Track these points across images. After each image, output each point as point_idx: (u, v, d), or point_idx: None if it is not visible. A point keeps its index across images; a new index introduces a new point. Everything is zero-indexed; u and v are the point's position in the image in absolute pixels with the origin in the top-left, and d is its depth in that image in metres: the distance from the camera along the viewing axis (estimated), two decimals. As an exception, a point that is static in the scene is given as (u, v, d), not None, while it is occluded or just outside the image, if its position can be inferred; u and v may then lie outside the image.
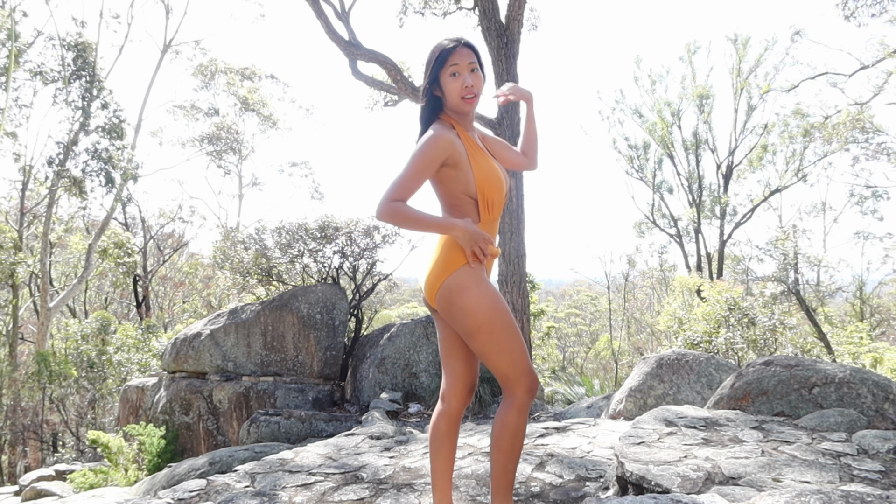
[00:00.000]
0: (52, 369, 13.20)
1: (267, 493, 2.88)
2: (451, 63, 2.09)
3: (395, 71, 10.06)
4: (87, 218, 19.34)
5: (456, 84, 2.10)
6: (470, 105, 2.13)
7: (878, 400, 2.98)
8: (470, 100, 2.11)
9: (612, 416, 5.21)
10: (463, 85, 2.09)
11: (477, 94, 2.13)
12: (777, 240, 13.76)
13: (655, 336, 20.37)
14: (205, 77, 21.68)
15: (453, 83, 2.10)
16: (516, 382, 2.02)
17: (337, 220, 8.26)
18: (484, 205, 2.12)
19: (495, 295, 2.08)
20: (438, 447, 2.21)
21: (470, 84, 2.09)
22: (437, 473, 2.22)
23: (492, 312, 2.04)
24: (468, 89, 2.10)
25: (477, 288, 2.05)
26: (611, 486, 2.61)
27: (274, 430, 6.03)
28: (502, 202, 2.18)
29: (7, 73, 14.50)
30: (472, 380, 2.24)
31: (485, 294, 2.05)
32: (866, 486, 2.07)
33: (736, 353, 9.52)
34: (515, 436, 2.04)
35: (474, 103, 2.14)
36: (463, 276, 2.06)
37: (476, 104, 2.16)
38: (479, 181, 2.10)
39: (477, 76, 2.11)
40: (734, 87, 19.41)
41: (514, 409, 2.03)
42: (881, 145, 16.11)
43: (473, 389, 2.27)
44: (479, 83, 2.12)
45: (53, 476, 7.61)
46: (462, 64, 2.09)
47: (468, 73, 2.09)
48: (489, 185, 2.12)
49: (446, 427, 2.21)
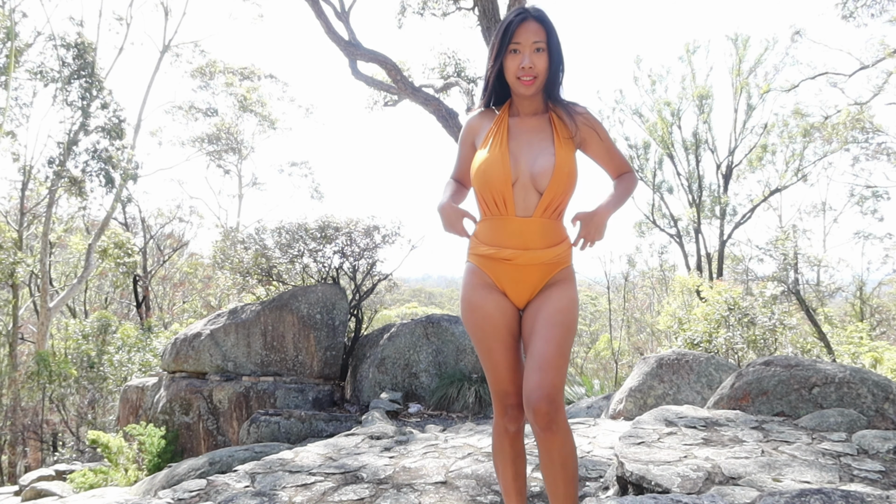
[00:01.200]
0: (51, 369, 13.19)
1: (267, 493, 2.88)
2: (514, 41, 1.91)
3: (394, 71, 10.06)
4: (87, 218, 19.34)
5: (514, 63, 1.92)
6: (526, 87, 1.93)
7: (878, 400, 2.98)
8: (527, 81, 1.92)
9: (612, 416, 5.21)
10: (520, 65, 1.91)
11: (537, 75, 1.92)
12: (777, 240, 13.75)
13: (655, 336, 20.36)
14: (204, 77, 21.68)
15: (512, 61, 1.93)
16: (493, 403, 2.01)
17: (337, 220, 8.26)
18: (479, 197, 1.97)
19: (469, 307, 1.97)
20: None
21: (528, 65, 1.90)
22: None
23: (464, 319, 2.00)
24: (525, 70, 1.91)
25: (462, 290, 2.02)
26: (611, 486, 2.61)
27: (274, 430, 6.03)
28: (504, 197, 1.91)
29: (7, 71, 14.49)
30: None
31: (461, 302, 2.01)
32: (866, 486, 2.06)
33: (736, 353, 9.52)
34: (494, 457, 2.07)
35: (531, 87, 1.93)
36: (465, 275, 2.02)
37: (535, 88, 1.94)
38: (472, 172, 1.98)
39: (540, 57, 1.91)
40: (734, 86, 19.40)
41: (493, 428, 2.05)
42: (881, 145, 16.10)
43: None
44: (540, 64, 1.91)
45: (53, 476, 7.61)
46: (524, 42, 1.90)
47: (530, 53, 1.90)
48: (475, 178, 1.95)
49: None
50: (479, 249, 1.96)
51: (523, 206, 1.91)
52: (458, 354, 7.21)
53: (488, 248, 1.93)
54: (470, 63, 12.93)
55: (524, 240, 1.90)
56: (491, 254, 1.93)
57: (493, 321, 1.94)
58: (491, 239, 1.94)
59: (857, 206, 18.89)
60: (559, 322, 1.87)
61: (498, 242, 1.92)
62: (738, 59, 19.17)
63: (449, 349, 7.25)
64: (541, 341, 1.84)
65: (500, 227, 1.92)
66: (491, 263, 1.95)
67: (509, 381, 1.95)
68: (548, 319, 1.87)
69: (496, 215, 1.93)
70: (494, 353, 1.94)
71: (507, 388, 1.95)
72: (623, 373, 17.97)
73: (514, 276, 1.94)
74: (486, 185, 1.91)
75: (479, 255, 1.97)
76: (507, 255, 1.91)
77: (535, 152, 1.92)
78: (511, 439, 2.01)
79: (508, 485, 2.05)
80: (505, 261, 1.92)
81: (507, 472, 2.03)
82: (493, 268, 1.95)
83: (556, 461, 1.82)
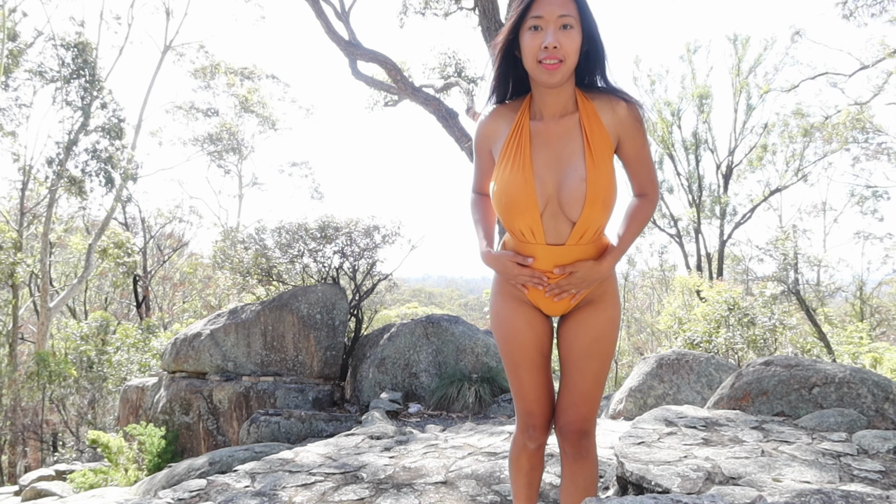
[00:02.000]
0: (51, 369, 13.20)
1: (267, 493, 2.88)
2: (533, 14, 1.51)
3: (395, 71, 10.07)
4: (86, 218, 19.36)
5: (534, 42, 1.52)
6: (549, 73, 1.52)
7: (878, 400, 2.98)
8: (551, 66, 1.51)
9: (612, 416, 5.21)
10: (542, 44, 1.50)
11: (563, 59, 1.51)
12: (777, 240, 13.75)
13: (655, 336, 20.35)
14: (205, 77, 21.69)
15: (531, 40, 1.52)
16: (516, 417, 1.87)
17: (337, 220, 8.26)
18: (504, 221, 1.68)
19: (498, 319, 1.80)
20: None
21: (552, 43, 1.49)
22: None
23: (494, 332, 1.85)
24: (548, 51, 1.50)
25: (491, 298, 1.86)
26: (611, 486, 2.61)
27: (274, 430, 6.04)
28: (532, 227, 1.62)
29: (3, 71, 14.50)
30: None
31: (491, 314, 1.84)
32: (866, 486, 2.06)
33: (736, 353, 9.52)
34: (510, 465, 2.00)
35: (556, 71, 1.52)
36: (493, 283, 1.84)
37: (561, 75, 1.53)
38: (493, 195, 1.68)
39: (569, 35, 1.51)
40: (734, 86, 19.42)
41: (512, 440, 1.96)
42: (881, 145, 16.11)
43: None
44: (570, 44, 1.51)
45: (53, 476, 7.61)
46: (548, 17, 1.50)
47: (555, 30, 1.50)
48: (498, 205, 1.66)
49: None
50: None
51: (554, 234, 1.63)
52: (458, 354, 7.22)
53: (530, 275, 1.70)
54: (470, 63, 12.96)
55: (558, 261, 1.65)
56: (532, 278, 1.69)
57: (521, 338, 1.76)
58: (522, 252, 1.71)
59: (858, 206, 18.91)
60: (596, 353, 1.72)
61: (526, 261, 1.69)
62: (738, 59, 19.19)
63: (449, 349, 7.26)
64: (577, 374, 1.73)
65: (529, 251, 1.67)
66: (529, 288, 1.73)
67: (534, 402, 1.81)
68: (585, 350, 1.72)
69: (524, 242, 1.67)
70: (521, 372, 1.79)
71: (531, 409, 1.82)
72: (623, 373, 17.97)
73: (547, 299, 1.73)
74: (510, 214, 1.64)
75: None
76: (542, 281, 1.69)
77: (564, 172, 1.59)
78: (529, 455, 1.92)
79: (520, 492, 1.99)
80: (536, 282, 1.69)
81: (520, 482, 1.98)
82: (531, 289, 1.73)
83: (581, 487, 1.79)
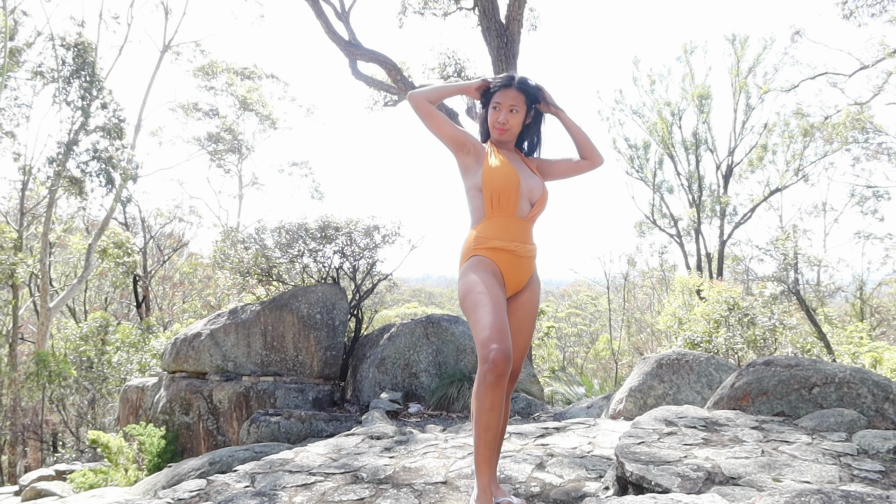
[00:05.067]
0: (51, 369, 13.19)
1: (267, 493, 2.88)
2: (495, 100, 2.52)
3: (394, 71, 10.07)
4: (86, 218, 19.34)
5: (493, 116, 2.53)
6: (499, 135, 2.52)
7: (878, 400, 2.98)
8: (499, 129, 2.51)
9: (612, 416, 5.21)
10: (496, 119, 2.51)
11: (508, 129, 2.51)
12: (777, 240, 13.75)
13: (655, 336, 20.34)
14: (205, 77, 21.68)
15: (492, 115, 2.54)
16: (478, 351, 2.21)
17: (337, 220, 8.25)
18: (489, 198, 2.41)
19: (474, 280, 2.33)
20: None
21: (502, 121, 2.50)
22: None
23: (466, 294, 2.33)
24: (497, 125, 2.51)
25: (463, 277, 2.38)
26: (611, 486, 2.61)
27: (274, 430, 6.04)
28: (511, 200, 2.41)
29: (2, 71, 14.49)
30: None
31: (465, 282, 2.35)
32: (866, 486, 2.07)
33: (736, 353, 9.52)
34: (474, 403, 2.20)
35: (503, 135, 2.53)
36: (463, 268, 2.43)
37: (506, 137, 2.54)
38: (485, 175, 2.42)
39: (515, 116, 2.50)
40: (733, 86, 19.42)
41: (476, 378, 2.21)
42: (881, 145, 16.11)
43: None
44: (513, 122, 2.51)
45: (53, 476, 7.61)
46: (504, 103, 2.50)
47: (505, 112, 2.49)
48: (493, 179, 2.41)
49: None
50: (490, 244, 2.39)
51: (521, 210, 2.45)
52: (458, 354, 7.22)
53: (499, 241, 2.38)
54: (470, 63, 12.91)
55: (521, 235, 2.44)
56: (501, 246, 2.38)
57: (497, 288, 2.32)
58: (499, 235, 2.40)
59: (858, 206, 18.90)
60: (533, 323, 2.57)
61: (506, 237, 2.40)
62: (737, 59, 19.19)
63: (449, 349, 7.26)
64: (525, 338, 2.49)
65: (505, 225, 2.40)
66: (498, 254, 2.39)
67: (508, 334, 2.29)
68: (528, 322, 2.52)
69: (502, 214, 2.41)
70: (500, 309, 2.25)
71: (504, 341, 2.23)
72: (623, 373, 17.97)
73: (515, 264, 2.42)
74: (503, 186, 2.40)
75: (487, 248, 2.39)
76: (512, 247, 2.39)
77: (526, 174, 2.53)
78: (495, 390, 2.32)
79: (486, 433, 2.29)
80: (510, 251, 2.39)
81: (482, 421, 2.30)
82: (500, 257, 2.39)
83: (507, 409, 2.48)
